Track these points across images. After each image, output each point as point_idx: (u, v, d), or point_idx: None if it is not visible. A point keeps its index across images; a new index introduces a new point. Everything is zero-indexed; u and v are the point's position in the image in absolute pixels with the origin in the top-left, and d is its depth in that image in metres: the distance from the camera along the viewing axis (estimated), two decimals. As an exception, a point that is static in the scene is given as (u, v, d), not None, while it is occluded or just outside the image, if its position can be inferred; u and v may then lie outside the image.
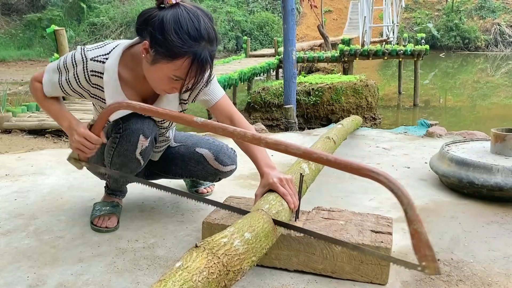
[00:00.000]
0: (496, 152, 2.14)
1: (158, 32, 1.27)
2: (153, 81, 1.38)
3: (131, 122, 1.51)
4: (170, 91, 1.40)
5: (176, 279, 0.86)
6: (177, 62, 1.28)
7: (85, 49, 1.45)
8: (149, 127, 1.54)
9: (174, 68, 1.30)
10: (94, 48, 1.46)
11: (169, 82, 1.35)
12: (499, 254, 1.47)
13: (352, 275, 1.30)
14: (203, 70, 1.32)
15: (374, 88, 6.71)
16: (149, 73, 1.37)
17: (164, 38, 1.26)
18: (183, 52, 1.26)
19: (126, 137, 1.51)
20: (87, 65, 1.43)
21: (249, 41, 13.57)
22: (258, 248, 1.10)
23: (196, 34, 1.26)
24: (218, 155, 1.71)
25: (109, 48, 1.46)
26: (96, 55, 1.44)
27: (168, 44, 1.26)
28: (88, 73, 1.44)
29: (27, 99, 8.14)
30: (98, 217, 1.69)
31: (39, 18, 18.78)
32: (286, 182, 1.38)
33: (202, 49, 1.28)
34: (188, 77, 1.31)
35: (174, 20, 1.26)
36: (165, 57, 1.28)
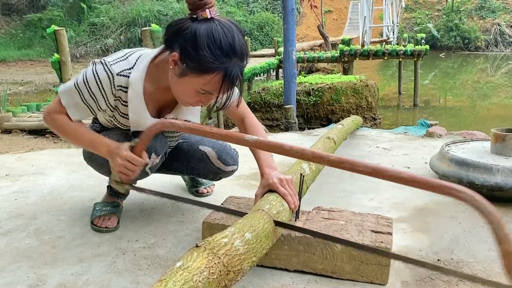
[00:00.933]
0: (496, 152, 2.14)
1: (190, 45, 1.23)
2: (179, 93, 1.35)
3: None
4: (195, 104, 1.38)
5: (176, 279, 0.86)
6: (207, 77, 1.26)
7: (109, 63, 1.38)
8: (161, 145, 1.53)
9: (204, 83, 1.27)
10: (118, 61, 1.39)
11: (195, 96, 1.32)
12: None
13: (352, 275, 1.30)
14: (233, 85, 1.30)
15: (374, 88, 6.71)
16: (176, 86, 1.34)
17: (196, 52, 1.23)
18: (215, 68, 1.24)
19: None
20: (114, 80, 1.38)
21: (249, 41, 13.57)
22: (259, 249, 1.10)
23: (229, 50, 1.24)
24: (221, 155, 1.72)
25: (132, 61, 1.41)
26: (122, 69, 1.38)
27: (200, 59, 1.23)
28: (116, 88, 1.39)
29: (27, 99, 8.15)
30: (99, 217, 1.69)
31: (39, 18, 18.78)
32: (286, 183, 1.39)
33: (234, 65, 1.26)
34: (217, 92, 1.29)
35: (208, 35, 1.22)
36: (195, 71, 1.25)
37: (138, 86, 1.40)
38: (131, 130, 1.53)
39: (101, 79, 1.38)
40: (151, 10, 18.26)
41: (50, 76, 12.53)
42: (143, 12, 18.08)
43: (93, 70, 1.38)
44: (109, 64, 1.38)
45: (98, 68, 1.38)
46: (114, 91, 1.40)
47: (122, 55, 1.42)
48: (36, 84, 12.23)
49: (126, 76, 1.39)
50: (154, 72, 1.42)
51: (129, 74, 1.39)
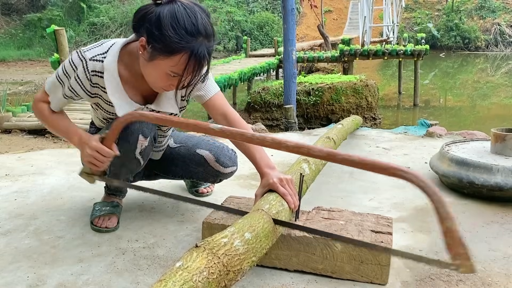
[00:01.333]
0: (496, 152, 2.14)
1: (154, 28, 1.26)
2: (150, 78, 1.37)
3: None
4: (168, 88, 1.39)
5: (176, 279, 0.86)
6: (174, 58, 1.27)
7: (82, 50, 1.43)
8: (148, 127, 1.53)
9: (172, 64, 1.29)
10: (91, 48, 1.45)
11: (166, 79, 1.34)
12: (499, 254, 1.47)
13: (352, 275, 1.30)
14: (201, 66, 1.31)
15: (374, 88, 6.71)
16: (146, 70, 1.36)
17: (161, 33, 1.25)
18: (180, 48, 1.26)
19: (125, 137, 1.50)
20: (87, 65, 1.42)
21: (249, 41, 13.56)
22: (258, 248, 1.10)
23: (193, 30, 1.26)
24: (219, 157, 1.71)
25: (106, 47, 1.45)
26: (94, 54, 1.42)
27: (165, 40, 1.25)
28: (90, 73, 1.43)
29: (27, 99, 8.14)
30: (98, 217, 1.69)
31: (39, 18, 18.77)
32: (286, 182, 1.38)
33: (200, 44, 1.27)
34: (186, 73, 1.30)
35: (171, 16, 1.25)
36: (162, 53, 1.28)
37: (112, 68, 1.43)
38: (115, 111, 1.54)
39: (76, 65, 1.42)
40: (151, 10, 18.22)
41: (50, 76, 12.52)
42: (143, 12, 18.04)
43: (69, 59, 1.44)
44: (83, 51, 1.43)
45: (73, 56, 1.44)
46: (89, 76, 1.43)
47: (97, 43, 1.47)
48: (36, 84, 12.22)
49: (100, 60, 1.42)
50: (127, 58, 1.44)
51: (103, 58, 1.42)
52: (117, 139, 1.51)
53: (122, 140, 1.50)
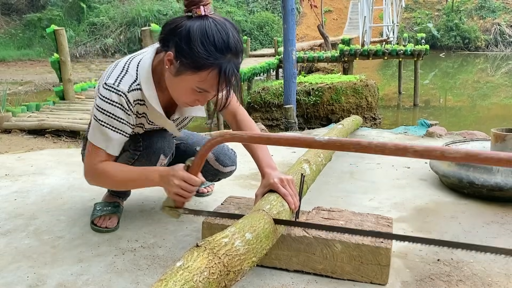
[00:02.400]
0: (496, 152, 2.14)
1: (184, 42, 1.23)
2: (176, 92, 1.35)
3: (152, 141, 1.49)
4: (192, 104, 1.36)
5: (177, 278, 0.86)
6: (202, 74, 1.25)
7: (114, 85, 1.34)
8: (169, 146, 1.53)
9: (199, 80, 1.26)
10: (120, 78, 1.36)
11: (192, 94, 1.31)
12: (499, 254, 1.47)
13: (352, 275, 1.30)
14: (229, 82, 1.28)
15: (374, 88, 6.72)
16: (172, 85, 1.33)
17: (190, 49, 1.23)
18: (209, 64, 1.23)
19: (146, 156, 1.49)
20: (128, 98, 1.36)
21: (249, 41, 13.57)
22: (259, 249, 1.10)
23: (223, 46, 1.23)
24: (218, 156, 1.71)
25: (133, 72, 1.38)
26: (129, 85, 1.36)
27: (193, 55, 1.23)
28: (132, 105, 1.37)
29: (27, 99, 8.14)
30: (99, 217, 1.69)
31: (39, 18, 18.78)
32: (287, 183, 1.38)
33: (228, 61, 1.25)
34: (212, 89, 1.28)
35: (201, 31, 1.22)
36: (190, 68, 1.25)
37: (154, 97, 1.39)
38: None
39: (118, 102, 1.35)
40: (150, 10, 18.25)
41: (49, 76, 12.53)
42: (142, 11, 18.07)
43: (104, 100, 1.35)
44: (115, 85, 1.35)
45: (107, 95, 1.35)
46: (133, 108, 1.39)
47: (121, 70, 1.39)
48: (36, 84, 12.23)
49: (136, 89, 1.37)
50: (154, 74, 1.41)
51: (138, 86, 1.37)
52: (137, 155, 1.49)
53: (142, 158, 1.50)
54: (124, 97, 1.35)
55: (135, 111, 1.41)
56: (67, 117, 5.49)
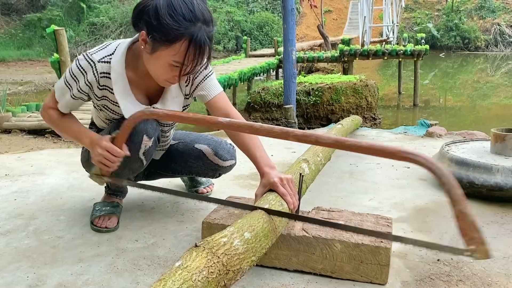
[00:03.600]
0: (496, 152, 2.14)
1: (153, 18, 1.27)
2: (155, 71, 1.38)
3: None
4: (172, 80, 1.39)
5: (176, 278, 0.86)
6: (175, 46, 1.28)
7: (89, 53, 1.44)
8: (152, 127, 1.53)
9: (173, 53, 1.29)
10: (98, 50, 1.46)
11: (170, 70, 1.34)
12: (499, 254, 1.47)
13: (352, 275, 1.30)
14: (202, 51, 1.30)
15: (374, 88, 6.71)
16: (150, 64, 1.37)
17: (159, 23, 1.26)
18: (180, 35, 1.26)
19: (130, 138, 1.49)
20: (96, 68, 1.43)
21: (249, 41, 13.56)
22: (258, 248, 1.10)
23: (191, 16, 1.26)
24: (217, 150, 1.71)
25: (112, 48, 1.46)
26: (102, 56, 1.44)
27: (164, 28, 1.26)
28: (99, 75, 1.44)
29: (27, 99, 8.14)
30: (98, 217, 1.68)
31: (39, 18, 18.77)
32: (287, 182, 1.38)
33: (199, 30, 1.27)
34: (187, 59, 1.30)
35: (168, 4, 1.26)
36: (163, 42, 1.28)
37: (119, 69, 1.44)
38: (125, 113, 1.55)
39: (84, 68, 1.43)
40: (150, 10, 18.23)
41: (49, 76, 12.53)
42: (142, 12, 18.04)
43: (76, 63, 1.45)
44: (90, 54, 1.44)
45: (80, 60, 1.44)
46: (98, 78, 1.44)
47: (102, 45, 1.48)
48: (36, 84, 12.23)
49: (107, 62, 1.43)
50: (131, 58, 1.45)
51: (110, 59, 1.43)
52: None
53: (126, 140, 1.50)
54: (93, 66, 1.43)
55: (99, 82, 1.46)
56: (67, 117, 5.48)
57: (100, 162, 1.42)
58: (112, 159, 1.40)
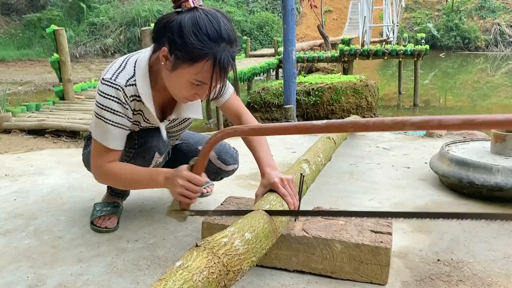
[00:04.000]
0: (496, 152, 2.14)
1: (176, 36, 1.23)
2: (174, 88, 1.34)
3: (147, 139, 1.49)
4: (192, 98, 1.35)
5: (176, 278, 0.86)
6: (198, 65, 1.24)
7: (111, 80, 1.34)
8: (164, 144, 1.53)
9: (195, 72, 1.25)
10: (118, 74, 1.36)
11: (191, 88, 1.30)
12: (499, 254, 1.47)
13: (352, 275, 1.30)
14: (226, 72, 1.27)
15: (374, 88, 6.72)
16: (170, 81, 1.32)
17: (183, 41, 1.22)
18: (204, 54, 1.22)
19: (141, 154, 1.48)
20: (125, 92, 1.35)
21: (249, 41, 13.57)
22: (258, 249, 1.10)
23: (216, 35, 1.23)
24: (221, 154, 1.71)
25: (130, 68, 1.38)
26: (126, 80, 1.36)
27: (187, 47, 1.22)
28: (129, 99, 1.37)
29: (27, 99, 8.14)
30: (99, 217, 1.68)
31: (38, 18, 18.79)
32: (287, 183, 1.38)
33: (223, 50, 1.24)
34: (209, 79, 1.26)
35: (193, 23, 1.22)
36: (185, 61, 1.24)
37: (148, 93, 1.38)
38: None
39: (115, 96, 1.35)
40: (150, 10, 18.26)
41: (49, 76, 12.54)
42: (142, 11, 18.08)
43: (102, 95, 1.35)
44: (112, 79, 1.35)
45: (104, 89, 1.35)
46: (130, 102, 1.38)
47: (118, 66, 1.39)
48: (36, 84, 12.24)
49: (133, 84, 1.37)
50: (150, 74, 1.40)
51: (135, 82, 1.37)
52: (132, 153, 1.49)
53: (137, 156, 1.49)
54: (122, 91, 1.34)
55: (132, 107, 1.40)
56: (67, 117, 5.49)
57: (181, 195, 1.30)
58: (194, 189, 1.29)
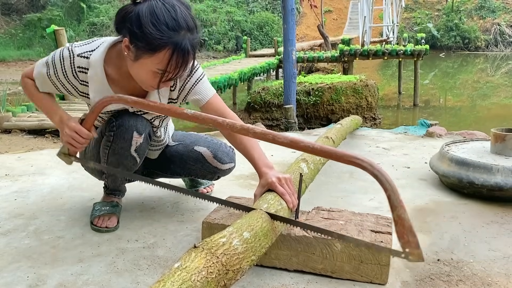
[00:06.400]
0: (496, 152, 2.14)
1: (135, 27, 1.25)
2: (139, 77, 1.37)
3: (124, 120, 1.51)
4: (157, 87, 1.37)
5: (174, 279, 0.86)
6: (158, 55, 1.26)
7: (73, 46, 1.46)
8: (142, 124, 1.54)
9: (157, 62, 1.28)
10: (82, 45, 1.46)
11: (154, 77, 1.32)
12: (499, 254, 1.47)
13: (352, 275, 1.30)
14: (185, 60, 1.29)
15: (374, 88, 6.72)
16: (134, 70, 1.36)
17: (142, 32, 1.24)
18: (163, 44, 1.24)
19: (120, 135, 1.51)
20: (74, 60, 1.44)
21: (249, 41, 13.57)
22: (258, 247, 1.10)
23: (174, 24, 1.24)
24: (216, 153, 1.71)
25: (95, 45, 1.46)
26: (82, 51, 1.44)
27: (147, 37, 1.24)
28: (75, 69, 1.45)
29: (27, 99, 8.14)
30: (98, 217, 1.68)
31: (39, 18, 18.78)
32: (285, 182, 1.38)
33: (182, 38, 1.26)
34: (170, 67, 1.28)
35: (150, 12, 1.24)
36: (146, 51, 1.27)
37: (97, 65, 1.44)
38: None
39: (64, 58, 1.44)
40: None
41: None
42: (143, 12, 18.04)
43: (61, 50, 1.46)
44: (74, 46, 1.45)
45: (64, 49, 1.46)
46: (75, 71, 1.45)
47: (89, 40, 1.49)
48: (36, 84, 12.22)
49: (87, 57, 1.44)
50: (115, 57, 1.44)
51: (90, 55, 1.44)
52: (112, 136, 1.52)
53: (117, 138, 1.52)
54: (71, 58, 1.44)
55: (78, 77, 1.46)
56: (67, 117, 5.49)
57: (67, 142, 1.46)
58: (80, 140, 1.44)
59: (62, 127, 1.46)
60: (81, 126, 1.43)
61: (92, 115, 1.42)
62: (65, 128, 1.44)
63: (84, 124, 1.44)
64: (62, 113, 1.51)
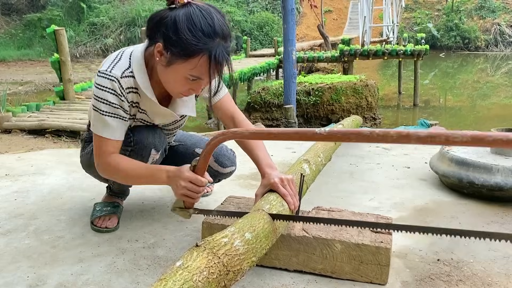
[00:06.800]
0: (496, 152, 2.14)
1: (171, 32, 1.24)
2: (170, 84, 1.34)
3: (142, 136, 1.49)
4: (187, 93, 1.36)
5: (176, 278, 0.86)
6: (192, 61, 1.25)
7: (107, 71, 1.36)
8: (160, 140, 1.53)
9: (190, 67, 1.27)
10: (113, 65, 1.37)
11: (185, 83, 1.31)
12: (499, 254, 1.47)
13: (352, 275, 1.30)
14: (221, 66, 1.29)
15: (374, 88, 6.72)
16: (165, 76, 1.33)
17: (178, 37, 1.23)
18: (198, 50, 1.24)
19: (137, 152, 1.48)
20: (121, 84, 1.36)
21: (249, 41, 13.57)
22: (258, 249, 1.10)
23: (210, 31, 1.24)
24: (217, 157, 1.70)
25: (126, 61, 1.39)
26: (122, 71, 1.37)
27: (182, 43, 1.23)
28: (125, 91, 1.38)
29: (27, 99, 8.15)
30: (99, 218, 1.68)
31: (39, 18, 18.79)
32: (287, 183, 1.38)
33: (217, 45, 1.25)
34: (202, 73, 1.28)
35: (187, 18, 1.23)
36: (180, 56, 1.25)
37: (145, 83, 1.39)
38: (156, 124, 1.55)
39: (110, 87, 1.36)
40: (151, 10, 18.23)
41: (49, 76, 12.54)
42: (143, 12, 18.07)
43: (98, 87, 1.36)
44: (108, 71, 1.36)
45: (101, 81, 1.36)
46: (126, 94, 1.38)
47: (113, 58, 1.40)
48: (36, 84, 12.24)
49: (129, 76, 1.38)
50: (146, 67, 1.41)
51: (131, 74, 1.38)
52: (128, 151, 1.48)
53: (134, 154, 1.49)
54: (117, 82, 1.36)
55: (129, 99, 1.41)
56: (67, 117, 5.49)
57: (184, 195, 1.32)
58: (196, 190, 1.30)
59: (174, 181, 1.31)
60: (195, 173, 1.29)
61: (204, 159, 1.27)
62: (179, 181, 1.29)
63: (197, 171, 1.29)
64: (166, 168, 1.37)
